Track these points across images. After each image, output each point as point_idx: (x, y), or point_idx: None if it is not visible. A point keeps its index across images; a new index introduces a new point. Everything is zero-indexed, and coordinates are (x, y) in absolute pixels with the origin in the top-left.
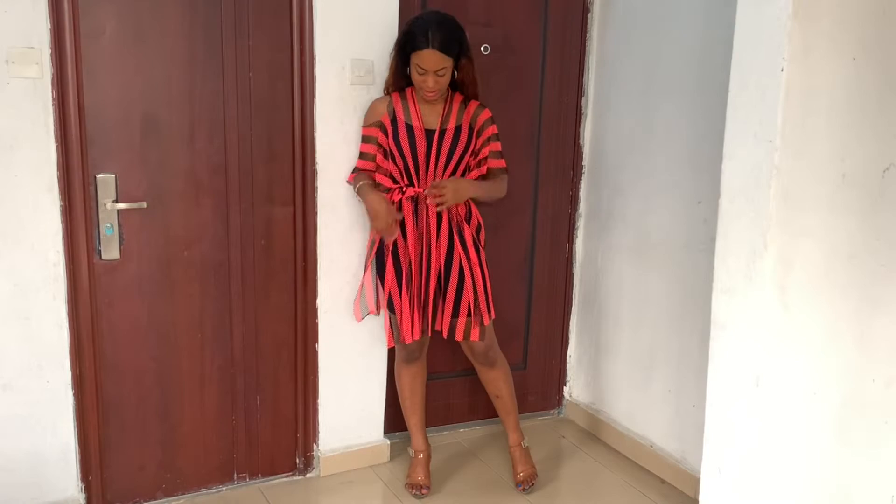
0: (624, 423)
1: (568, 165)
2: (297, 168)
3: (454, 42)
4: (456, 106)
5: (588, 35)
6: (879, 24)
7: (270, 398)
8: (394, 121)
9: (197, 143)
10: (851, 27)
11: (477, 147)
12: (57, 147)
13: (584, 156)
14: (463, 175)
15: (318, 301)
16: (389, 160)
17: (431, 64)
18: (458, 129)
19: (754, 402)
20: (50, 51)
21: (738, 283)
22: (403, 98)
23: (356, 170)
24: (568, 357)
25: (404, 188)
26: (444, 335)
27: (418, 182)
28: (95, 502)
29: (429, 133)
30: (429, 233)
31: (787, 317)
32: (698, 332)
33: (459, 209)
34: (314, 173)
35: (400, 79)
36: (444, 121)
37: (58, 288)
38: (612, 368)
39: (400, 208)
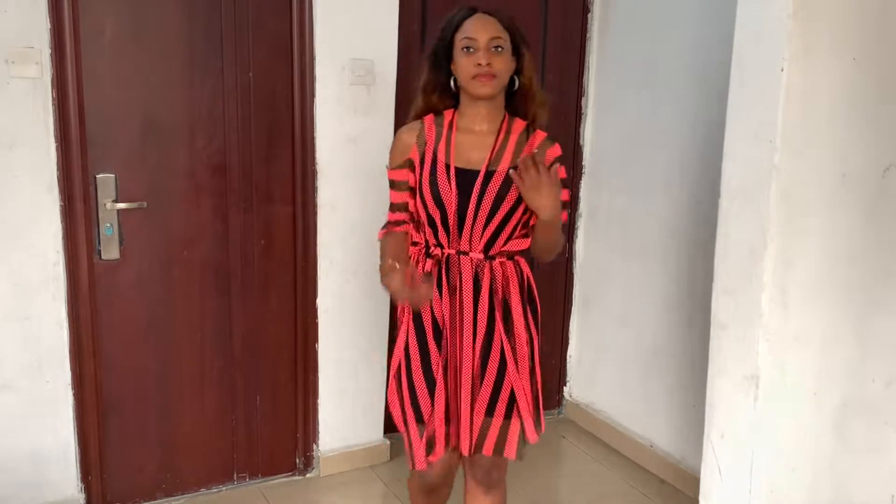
0: (624, 423)
1: (568, 165)
2: (296, 168)
3: (510, 20)
4: (514, 137)
5: (588, 35)
6: (879, 25)
7: (270, 398)
8: (423, 157)
9: (197, 143)
10: (851, 27)
11: None
12: (57, 147)
13: (584, 156)
14: (509, 238)
15: (318, 301)
16: (420, 210)
17: (483, 31)
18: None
19: (754, 402)
20: (50, 51)
21: (738, 283)
22: (440, 124)
23: (387, 225)
24: (568, 357)
25: (431, 249)
26: (465, 449)
27: (448, 243)
28: (95, 502)
29: (469, 176)
30: (461, 306)
31: (787, 317)
32: (698, 332)
33: (506, 267)
34: (314, 173)
35: (436, 91)
36: (495, 158)
37: (58, 288)
38: (612, 368)
39: (429, 278)
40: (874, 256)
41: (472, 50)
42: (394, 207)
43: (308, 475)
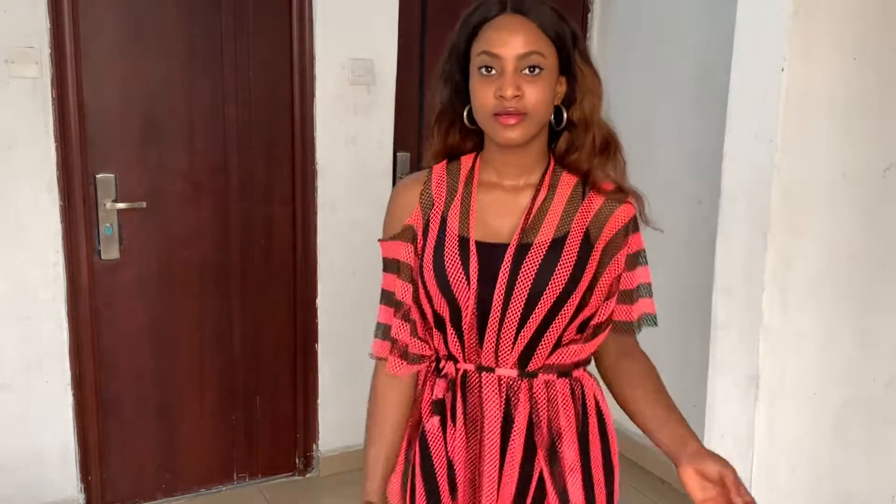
0: (624, 423)
1: None
2: (296, 168)
3: (558, 21)
4: (563, 195)
5: (588, 35)
6: (879, 24)
7: (270, 398)
8: (428, 224)
9: (196, 142)
10: (851, 27)
11: (602, 282)
12: (56, 147)
13: None
14: (558, 345)
15: (318, 301)
16: (423, 302)
17: (511, 43)
18: (559, 242)
19: (754, 402)
20: (49, 50)
21: (738, 283)
22: (454, 175)
23: (380, 331)
24: None
25: (442, 364)
26: None
27: (464, 354)
28: (95, 502)
29: (495, 253)
30: (481, 451)
31: (787, 317)
32: (698, 332)
33: (555, 388)
34: (314, 173)
35: (454, 126)
36: (532, 227)
37: (57, 288)
38: None
39: (440, 409)
40: (874, 256)
41: (492, 72)
42: (387, 300)
43: (308, 475)
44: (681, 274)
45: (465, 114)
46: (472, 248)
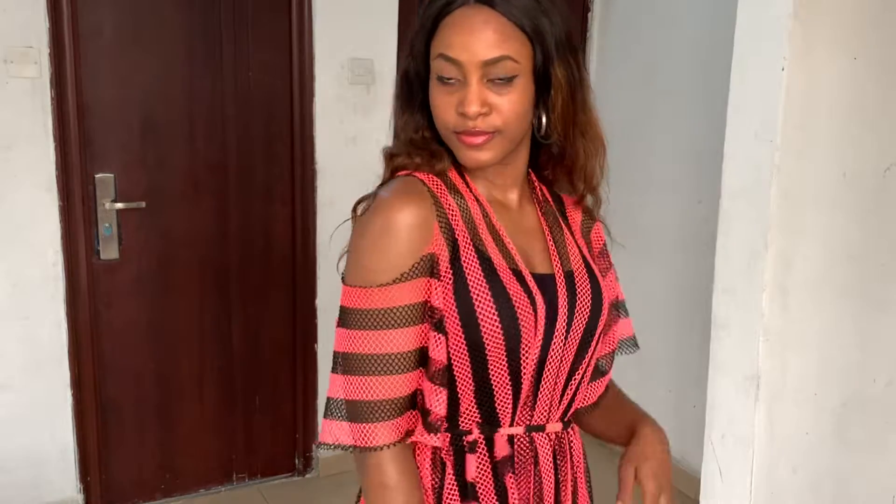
0: None
1: None
2: (296, 167)
3: (531, 3)
4: (573, 213)
5: (588, 35)
6: (879, 24)
7: (269, 398)
8: (456, 254)
9: (196, 142)
10: (851, 27)
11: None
12: (55, 147)
13: None
14: (581, 385)
15: (317, 301)
16: (452, 356)
17: (473, 46)
18: (589, 267)
19: (754, 403)
20: (48, 50)
21: (738, 283)
22: (454, 191)
23: (381, 411)
24: None
25: (469, 436)
26: None
27: (513, 415)
28: (94, 503)
29: (545, 285)
30: None
31: (787, 317)
32: (698, 332)
33: (576, 437)
34: (313, 173)
35: (420, 137)
36: (560, 250)
37: (56, 288)
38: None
39: (466, 492)
40: (874, 256)
41: (451, 81)
42: (398, 380)
43: (307, 476)
44: (681, 274)
45: (419, 131)
46: (531, 282)
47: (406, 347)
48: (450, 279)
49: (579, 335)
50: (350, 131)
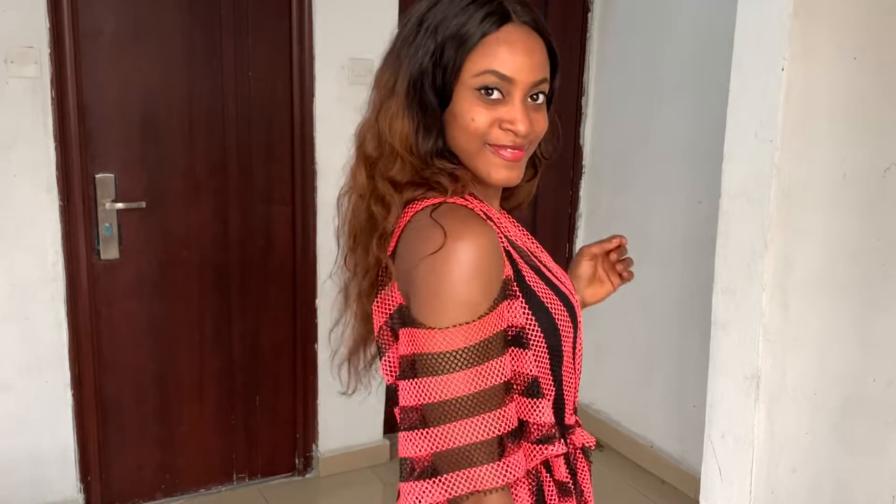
0: (624, 423)
1: (568, 165)
2: (296, 168)
3: (550, 35)
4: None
5: (588, 35)
6: (879, 24)
7: (270, 398)
8: (519, 273)
9: (196, 142)
10: (851, 27)
11: None
12: (56, 147)
13: (584, 155)
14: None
15: (317, 301)
16: (541, 368)
17: (527, 66)
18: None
19: (754, 402)
20: (49, 50)
21: (738, 283)
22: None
23: (485, 451)
24: None
25: (554, 435)
26: None
27: (564, 418)
28: (94, 502)
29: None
30: None
31: (787, 317)
32: (698, 332)
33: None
34: (313, 173)
35: (435, 155)
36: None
37: (57, 288)
38: (612, 368)
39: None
40: (874, 256)
41: (495, 96)
42: (498, 414)
43: (307, 476)
44: (681, 274)
45: (436, 143)
46: (560, 284)
47: (506, 375)
48: (522, 295)
49: (581, 331)
50: (350, 131)
